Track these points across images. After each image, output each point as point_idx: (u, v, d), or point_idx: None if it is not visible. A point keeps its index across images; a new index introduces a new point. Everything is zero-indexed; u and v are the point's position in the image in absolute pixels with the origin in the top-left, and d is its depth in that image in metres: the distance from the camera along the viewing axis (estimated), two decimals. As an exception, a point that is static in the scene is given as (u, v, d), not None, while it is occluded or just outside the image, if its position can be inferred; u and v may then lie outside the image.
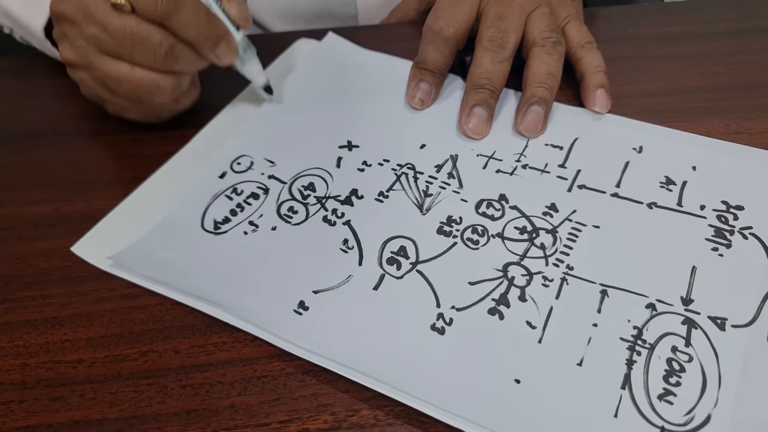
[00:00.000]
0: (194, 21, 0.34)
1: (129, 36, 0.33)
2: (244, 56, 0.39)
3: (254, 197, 0.37)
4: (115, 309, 0.32)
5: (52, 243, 0.36)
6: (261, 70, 0.41)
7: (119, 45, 0.34)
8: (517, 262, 0.33)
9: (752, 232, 0.33)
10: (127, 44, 0.34)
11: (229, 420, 0.28)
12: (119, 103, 0.38)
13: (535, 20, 0.41)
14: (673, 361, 0.29)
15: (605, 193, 0.36)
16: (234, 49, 0.37)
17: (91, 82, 0.37)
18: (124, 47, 0.34)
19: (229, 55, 0.37)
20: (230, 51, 0.37)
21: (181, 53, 0.35)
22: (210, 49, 0.36)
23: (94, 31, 0.34)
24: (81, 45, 0.35)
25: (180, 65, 0.36)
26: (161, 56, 0.34)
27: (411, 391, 0.28)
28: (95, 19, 0.33)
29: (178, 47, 0.35)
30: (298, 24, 0.57)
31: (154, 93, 0.36)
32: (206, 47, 0.35)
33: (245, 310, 0.31)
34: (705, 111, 0.41)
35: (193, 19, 0.34)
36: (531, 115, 0.39)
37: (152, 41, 0.34)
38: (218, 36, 0.36)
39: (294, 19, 0.56)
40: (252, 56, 0.40)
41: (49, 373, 0.30)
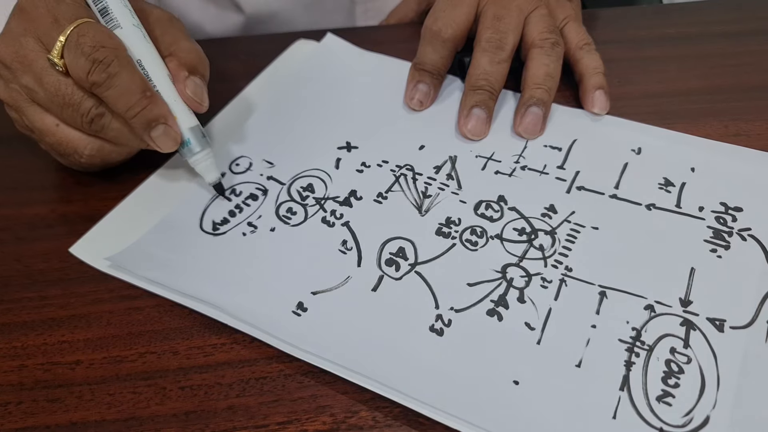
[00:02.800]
0: (126, 95, 0.32)
1: (60, 96, 0.32)
2: (193, 148, 0.35)
3: (253, 198, 0.37)
4: (114, 310, 0.32)
5: (50, 244, 0.35)
6: (213, 166, 0.36)
7: (49, 101, 0.33)
8: (515, 264, 0.33)
9: (751, 234, 0.33)
10: (56, 102, 0.33)
11: (227, 421, 0.28)
12: (46, 148, 0.36)
13: (534, 21, 0.41)
14: (672, 363, 0.29)
15: (604, 195, 0.36)
16: (173, 136, 0.34)
17: (21, 122, 0.36)
18: (54, 104, 0.33)
19: (165, 143, 0.34)
20: (167, 138, 0.33)
21: (109, 125, 0.33)
22: (143, 130, 0.33)
23: (28, 81, 0.33)
24: (14, 89, 0.34)
25: (109, 135, 0.34)
26: (87, 122, 0.33)
27: (410, 393, 0.28)
28: (32, 71, 0.32)
29: (106, 118, 0.33)
30: (297, 7, 0.55)
31: (70, 154, 0.35)
32: (140, 127, 0.33)
33: (244, 311, 0.31)
34: (703, 113, 0.41)
35: (125, 93, 0.32)
36: (530, 116, 0.39)
37: (81, 107, 0.32)
38: (153, 118, 0.33)
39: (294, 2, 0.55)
40: (205, 150, 0.35)
41: (46, 375, 0.30)
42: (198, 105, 0.35)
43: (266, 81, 0.45)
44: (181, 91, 0.35)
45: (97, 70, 0.31)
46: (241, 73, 0.45)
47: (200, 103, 0.35)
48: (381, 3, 0.56)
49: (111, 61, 0.31)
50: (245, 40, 0.52)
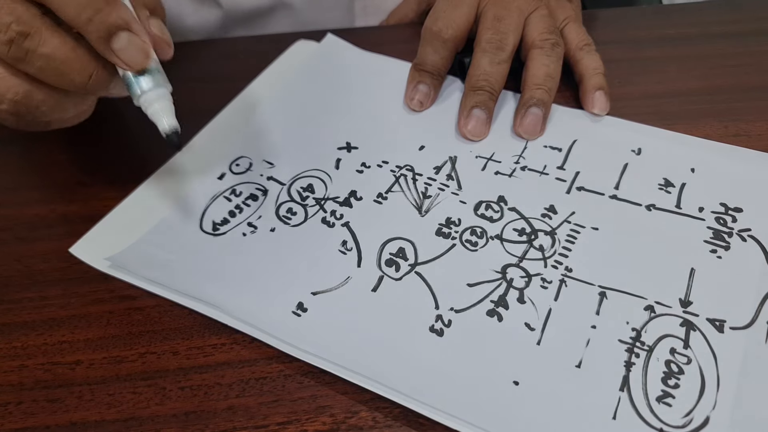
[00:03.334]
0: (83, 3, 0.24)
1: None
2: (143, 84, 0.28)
3: (253, 198, 0.37)
4: (114, 310, 0.32)
5: (51, 244, 0.35)
6: (171, 111, 0.29)
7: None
8: (515, 264, 0.33)
9: (751, 234, 0.33)
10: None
11: (227, 421, 0.28)
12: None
13: (534, 22, 0.41)
14: (672, 363, 0.29)
15: (604, 195, 0.36)
16: (142, 47, 0.27)
17: None
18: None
19: (133, 55, 0.26)
20: (135, 49, 0.26)
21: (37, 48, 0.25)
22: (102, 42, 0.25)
23: None
24: None
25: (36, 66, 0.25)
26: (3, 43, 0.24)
27: (410, 393, 0.28)
28: None
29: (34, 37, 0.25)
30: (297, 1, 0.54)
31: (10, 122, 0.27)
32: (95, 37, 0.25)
33: (244, 311, 0.31)
34: (703, 113, 0.41)
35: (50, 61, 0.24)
36: (530, 116, 0.39)
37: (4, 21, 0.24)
38: (114, 23, 0.25)
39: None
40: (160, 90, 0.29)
41: (47, 375, 0.30)
42: (166, 46, 0.29)
43: (266, 81, 0.45)
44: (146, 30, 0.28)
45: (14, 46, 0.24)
46: (241, 73, 0.45)
47: (168, 43, 0.29)
48: (380, 0, 0.56)
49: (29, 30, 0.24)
50: (245, 40, 0.52)
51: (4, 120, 0.28)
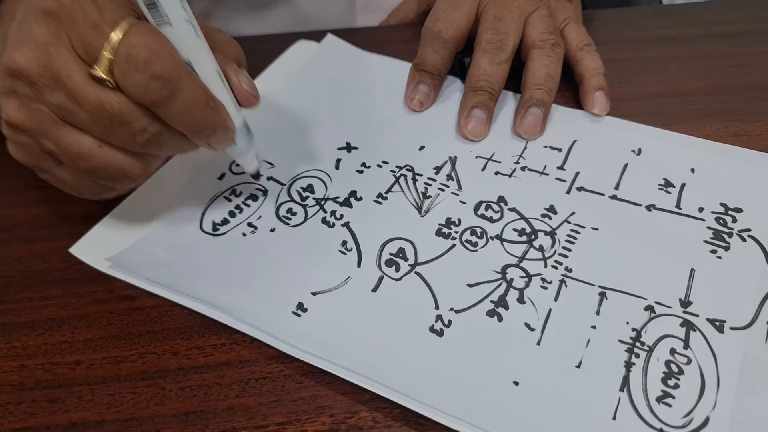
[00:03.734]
0: (191, 111, 0.28)
1: (107, 115, 0.27)
2: (241, 143, 0.32)
3: (253, 199, 0.37)
4: (114, 310, 0.32)
5: (51, 244, 0.36)
6: (254, 157, 0.35)
7: (91, 120, 0.27)
8: (515, 264, 0.33)
9: (751, 235, 0.33)
10: (101, 122, 0.27)
11: (227, 422, 0.28)
12: (61, 177, 0.31)
13: (534, 22, 0.41)
14: (672, 364, 0.29)
15: (604, 195, 0.36)
16: (231, 137, 0.31)
17: (35, 149, 0.29)
18: (97, 124, 0.27)
19: (223, 144, 0.31)
20: (226, 140, 0.30)
21: (166, 142, 0.29)
22: (203, 139, 0.30)
23: (61, 99, 0.27)
24: (37, 109, 0.28)
25: (161, 152, 0.30)
26: (142, 142, 0.28)
27: (409, 393, 0.28)
28: (67, 88, 0.26)
29: (164, 135, 0.28)
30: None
31: (115, 178, 0.29)
32: (200, 138, 0.29)
33: (244, 311, 0.31)
34: (703, 113, 0.41)
35: (189, 108, 0.28)
36: (530, 117, 0.39)
37: (135, 125, 0.27)
38: (216, 126, 0.29)
39: None
40: (250, 144, 0.33)
41: (47, 375, 0.30)
42: (255, 99, 0.32)
43: (266, 81, 0.45)
44: (236, 87, 0.31)
45: (158, 87, 0.26)
46: (241, 73, 0.45)
47: (257, 97, 0.32)
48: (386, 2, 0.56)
49: (171, 75, 0.26)
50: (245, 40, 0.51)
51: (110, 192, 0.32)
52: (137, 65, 0.26)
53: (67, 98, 0.27)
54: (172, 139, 0.29)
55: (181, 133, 0.29)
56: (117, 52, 0.26)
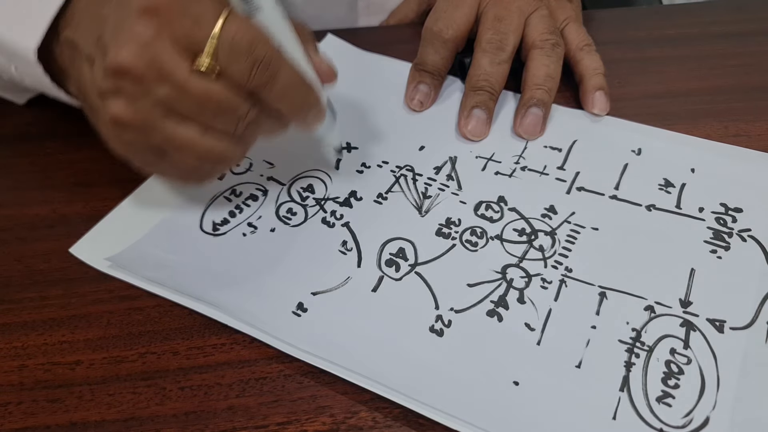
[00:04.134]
0: (291, 91, 0.30)
1: (213, 103, 0.28)
2: (329, 120, 0.34)
3: (253, 199, 0.37)
4: (114, 310, 0.32)
5: (51, 244, 0.35)
6: (338, 133, 0.37)
7: (198, 110, 0.29)
8: (515, 264, 0.33)
9: (751, 235, 0.33)
10: (207, 111, 0.29)
11: (227, 422, 0.28)
12: (165, 168, 0.32)
13: (534, 22, 0.41)
14: (672, 364, 0.29)
15: (604, 195, 0.36)
16: (323, 113, 0.33)
17: (141, 144, 0.30)
18: (203, 113, 0.29)
19: (316, 122, 0.33)
20: (320, 116, 0.33)
21: (265, 124, 0.31)
22: (302, 118, 0.32)
23: (167, 92, 0.28)
24: (144, 105, 0.28)
25: (258, 135, 0.32)
26: (243, 127, 0.30)
27: (409, 393, 0.28)
28: (174, 81, 0.28)
29: (263, 119, 0.30)
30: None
31: (219, 162, 0.31)
32: (298, 117, 0.32)
33: (244, 311, 0.31)
34: (703, 113, 0.41)
35: (289, 89, 0.30)
36: (530, 117, 0.39)
37: (239, 111, 0.29)
38: (312, 104, 0.31)
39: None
40: (335, 120, 0.35)
41: (47, 375, 0.30)
42: (334, 75, 0.33)
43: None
44: (318, 65, 0.33)
45: (260, 70, 0.28)
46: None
47: (335, 73, 0.33)
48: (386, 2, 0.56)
49: (272, 58, 0.28)
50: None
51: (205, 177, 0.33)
52: (240, 52, 0.27)
53: (173, 91, 0.28)
54: (269, 121, 0.31)
55: (276, 116, 0.31)
56: (220, 42, 0.27)
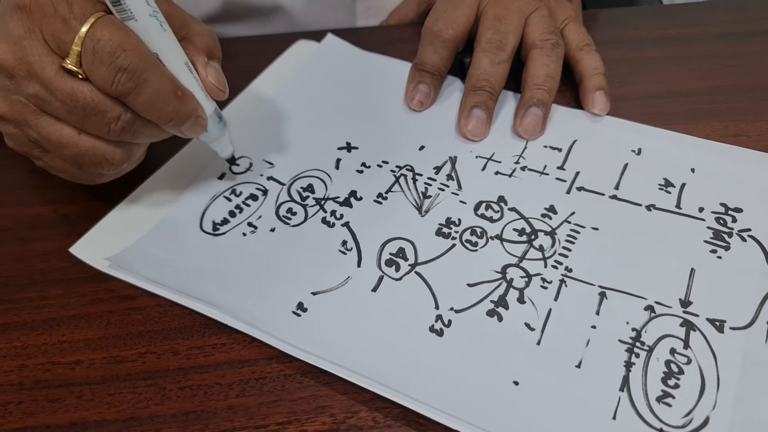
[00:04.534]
0: (158, 101, 0.29)
1: (80, 105, 0.28)
2: (213, 132, 0.34)
3: (253, 198, 0.37)
4: (114, 310, 0.32)
5: (51, 244, 0.36)
6: (228, 142, 0.36)
7: (66, 110, 0.28)
8: (515, 264, 0.33)
9: (751, 234, 0.33)
10: (76, 112, 0.28)
11: (227, 421, 0.28)
12: (52, 164, 0.32)
13: (534, 22, 0.41)
14: (672, 363, 0.29)
15: (604, 195, 0.36)
16: (202, 125, 0.32)
17: (22, 138, 0.31)
18: (72, 114, 0.29)
19: (195, 132, 0.32)
20: (197, 127, 0.32)
21: (139, 129, 0.30)
22: (175, 127, 0.31)
23: (37, 90, 0.28)
24: (17, 100, 0.29)
25: (137, 140, 0.31)
26: (116, 131, 0.29)
27: (409, 393, 0.28)
28: (40, 79, 0.28)
29: (137, 123, 0.30)
30: (298, 2, 0.54)
31: (98, 164, 0.31)
32: (171, 126, 0.31)
33: (244, 311, 0.31)
34: (703, 113, 0.41)
35: (156, 98, 0.29)
36: (530, 116, 0.39)
37: (108, 115, 0.29)
38: (186, 115, 0.31)
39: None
40: (223, 131, 0.35)
41: (47, 375, 0.30)
42: (221, 92, 0.33)
43: (266, 81, 0.45)
44: (203, 78, 0.32)
45: (123, 79, 0.28)
46: (241, 73, 0.45)
47: (223, 90, 0.33)
48: (382, 2, 0.56)
49: (136, 67, 0.28)
50: (245, 40, 0.52)
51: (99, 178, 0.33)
52: (102, 58, 0.27)
53: (42, 89, 0.28)
54: (146, 127, 0.30)
55: (153, 122, 0.30)
56: (84, 46, 0.27)
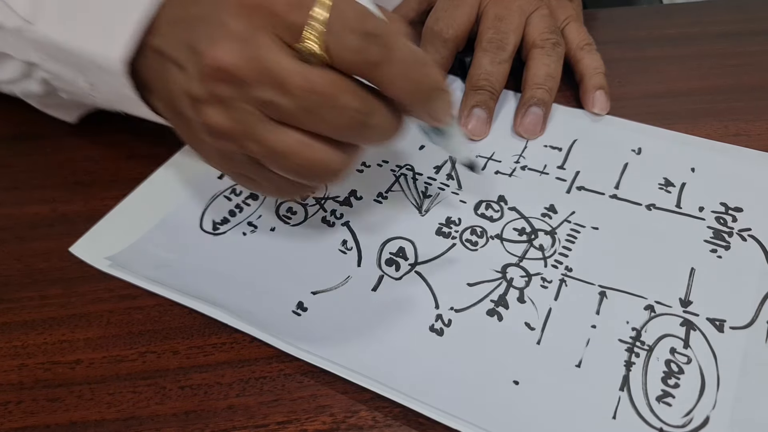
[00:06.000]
0: (411, 67, 0.25)
1: (318, 96, 0.24)
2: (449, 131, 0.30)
3: (253, 198, 0.37)
4: (114, 310, 0.32)
5: (51, 243, 0.35)
6: (465, 139, 0.31)
7: (301, 108, 0.25)
8: (515, 264, 0.33)
9: (751, 234, 0.33)
10: (312, 106, 0.25)
11: (227, 421, 0.28)
12: (265, 182, 0.29)
13: (535, 22, 0.41)
14: (672, 363, 0.29)
15: (604, 195, 0.36)
16: (449, 99, 0.27)
17: (237, 155, 0.27)
18: (308, 111, 0.25)
19: (445, 114, 0.28)
20: (447, 107, 0.27)
21: (376, 123, 0.26)
22: (426, 104, 0.27)
23: (267, 92, 0.25)
24: (244, 110, 0.25)
25: (372, 137, 0.27)
26: (356, 125, 0.25)
27: (409, 393, 0.28)
28: (274, 75, 0.24)
29: (376, 114, 0.26)
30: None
31: (321, 173, 0.27)
32: (423, 103, 0.26)
33: (244, 310, 0.31)
34: (703, 113, 0.41)
35: (410, 64, 0.25)
36: (530, 116, 0.39)
37: (350, 105, 0.25)
38: (437, 83, 0.26)
39: None
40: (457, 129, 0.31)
41: (47, 374, 0.30)
42: None
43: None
44: None
45: (374, 46, 0.24)
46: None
47: None
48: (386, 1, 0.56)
49: (385, 30, 0.24)
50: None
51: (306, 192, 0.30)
52: (352, 26, 0.24)
53: (274, 88, 0.25)
54: (384, 118, 0.26)
55: (393, 111, 0.27)
56: (329, 21, 0.24)
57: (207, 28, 0.25)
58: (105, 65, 0.30)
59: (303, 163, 0.26)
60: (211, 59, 0.25)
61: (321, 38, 0.24)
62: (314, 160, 0.26)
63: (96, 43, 0.30)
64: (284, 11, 0.24)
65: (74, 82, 0.34)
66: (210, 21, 0.25)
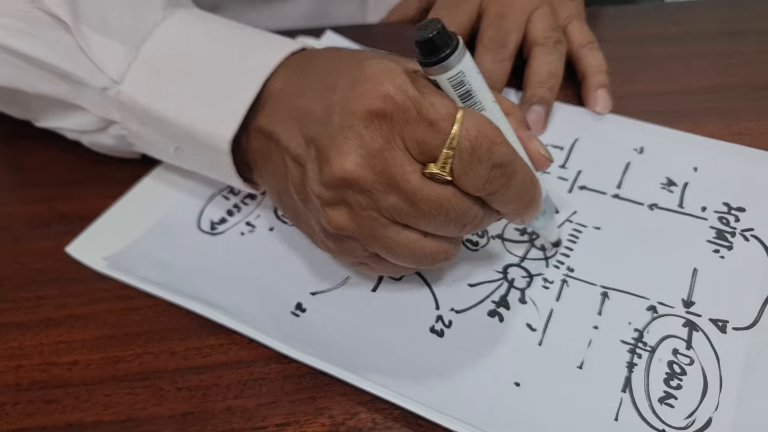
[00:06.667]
0: (524, 192, 0.27)
1: (444, 211, 0.26)
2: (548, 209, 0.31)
3: (251, 198, 0.37)
4: (110, 310, 0.32)
5: (47, 243, 0.35)
6: (555, 225, 0.33)
7: (425, 218, 0.26)
8: (517, 264, 0.33)
9: (753, 234, 0.33)
10: (436, 217, 0.26)
11: (225, 423, 0.28)
12: (379, 267, 0.30)
13: (537, 20, 0.41)
14: (674, 364, 0.28)
15: (606, 194, 0.36)
16: (539, 208, 0.29)
17: (358, 251, 0.28)
18: (431, 221, 0.26)
19: (534, 216, 0.29)
20: (536, 212, 0.29)
21: (485, 224, 0.28)
22: (523, 216, 0.29)
23: (395, 202, 0.26)
24: (368, 215, 0.26)
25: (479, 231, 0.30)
26: (471, 228, 0.27)
27: (409, 394, 0.27)
28: (403, 191, 0.25)
29: (486, 220, 0.28)
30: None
31: (437, 261, 0.28)
32: (522, 216, 0.28)
33: (242, 311, 0.31)
34: (706, 112, 0.41)
35: (523, 189, 0.27)
36: (531, 114, 0.39)
37: (468, 215, 0.26)
38: (538, 199, 0.28)
39: None
40: (553, 211, 0.33)
41: (43, 375, 0.30)
42: (549, 162, 0.29)
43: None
44: (534, 153, 0.29)
45: (498, 175, 0.25)
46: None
47: (551, 160, 0.30)
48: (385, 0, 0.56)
49: (510, 160, 0.25)
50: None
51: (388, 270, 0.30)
52: (480, 157, 0.25)
53: (401, 200, 0.26)
54: (487, 221, 0.28)
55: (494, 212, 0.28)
56: (459, 147, 0.24)
57: (336, 131, 0.25)
58: (207, 142, 0.30)
59: (423, 255, 0.27)
60: (339, 170, 0.25)
61: (449, 163, 0.25)
62: (432, 252, 0.28)
63: (198, 117, 0.30)
64: (416, 128, 0.25)
65: (158, 144, 0.33)
66: (342, 127, 0.25)
